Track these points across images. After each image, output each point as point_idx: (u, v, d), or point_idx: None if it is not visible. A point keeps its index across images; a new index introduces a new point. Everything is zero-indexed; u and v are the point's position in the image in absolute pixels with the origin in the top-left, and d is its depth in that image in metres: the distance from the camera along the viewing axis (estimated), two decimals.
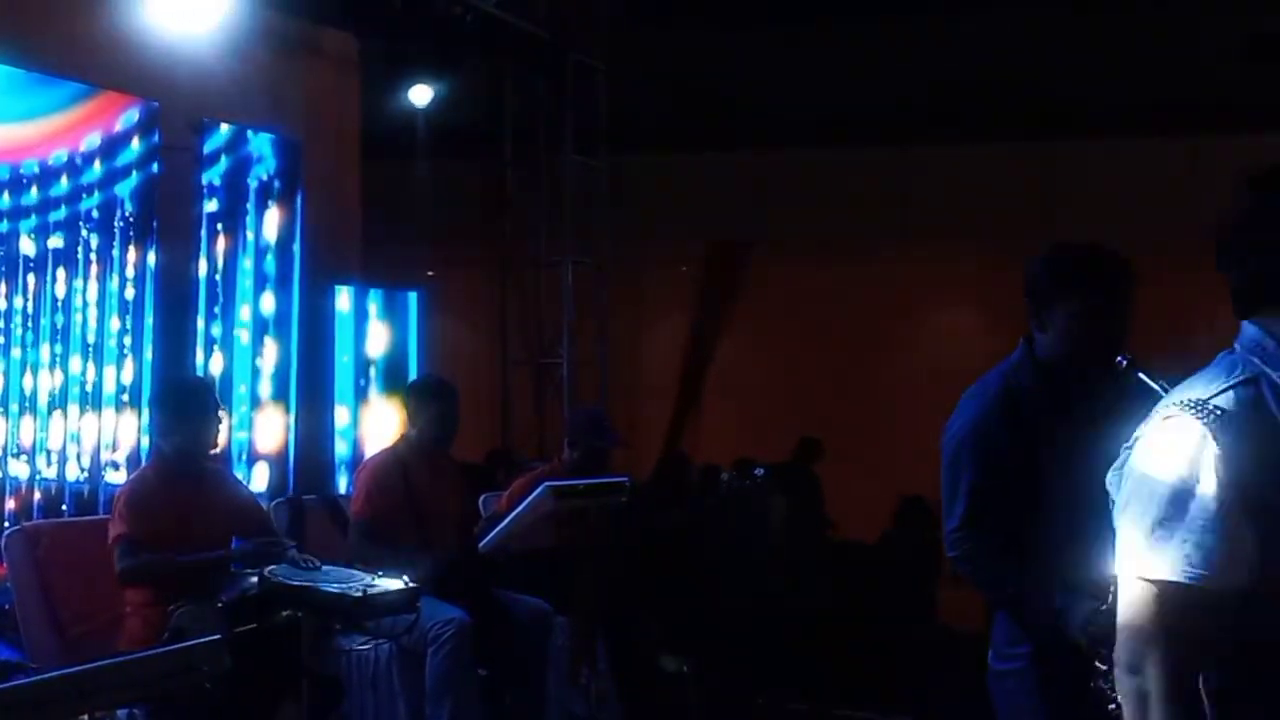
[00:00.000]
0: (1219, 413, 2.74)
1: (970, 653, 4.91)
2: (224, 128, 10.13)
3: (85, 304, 9.17)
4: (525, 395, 15.61)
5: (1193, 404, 2.75)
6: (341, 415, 11.33)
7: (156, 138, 9.38)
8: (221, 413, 7.45)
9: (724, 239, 17.33)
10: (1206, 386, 2.79)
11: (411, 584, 6.55)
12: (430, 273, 16.31)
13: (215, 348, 9.98)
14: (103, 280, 9.27)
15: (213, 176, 9.98)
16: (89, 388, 9.16)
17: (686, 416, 17.32)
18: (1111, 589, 2.87)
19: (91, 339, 9.20)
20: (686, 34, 14.42)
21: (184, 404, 7.18)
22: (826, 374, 16.17)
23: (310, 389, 10.76)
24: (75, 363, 9.12)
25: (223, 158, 10.07)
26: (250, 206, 10.30)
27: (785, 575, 11.21)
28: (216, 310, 9.99)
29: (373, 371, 11.73)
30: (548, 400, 15.31)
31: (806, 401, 15.97)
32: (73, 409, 9.09)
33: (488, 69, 14.48)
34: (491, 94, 15.10)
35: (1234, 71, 13.69)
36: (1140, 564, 2.72)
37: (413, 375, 11.34)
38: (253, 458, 10.22)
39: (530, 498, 6.96)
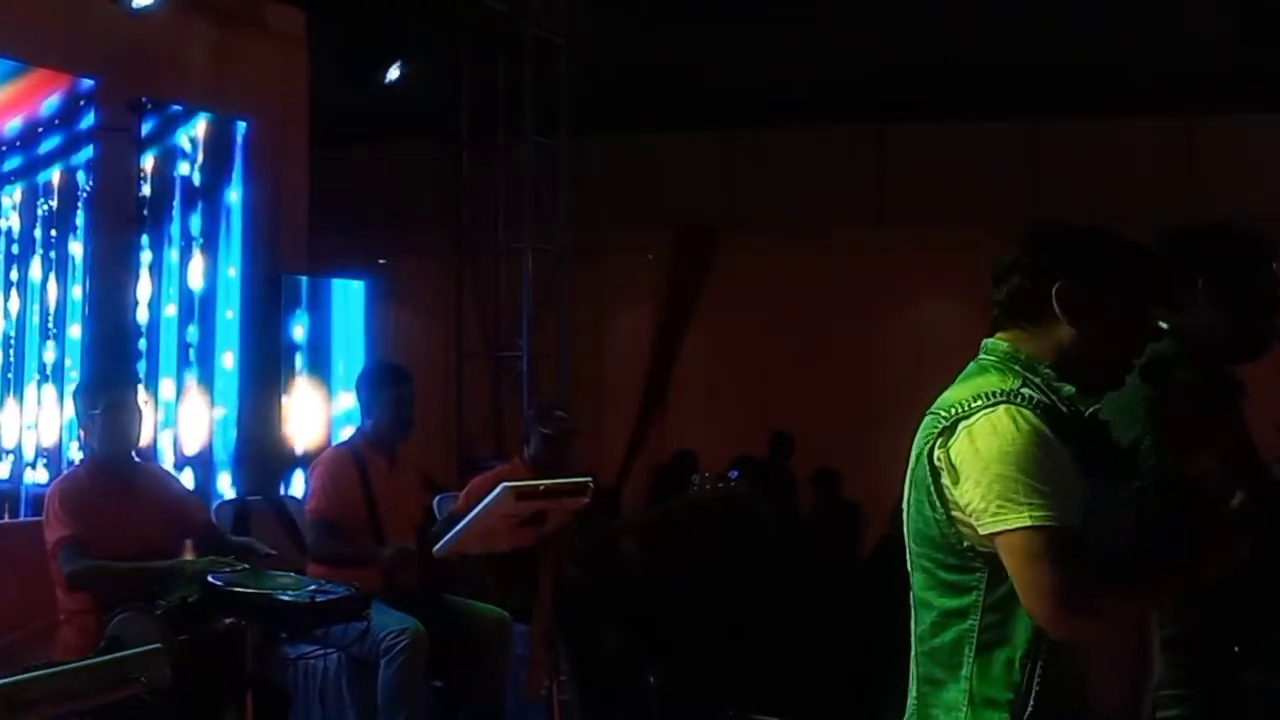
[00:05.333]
0: (1031, 399, 3.27)
1: None
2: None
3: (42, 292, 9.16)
4: (481, 390, 15.59)
5: (1006, 395, 3.25)
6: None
7: (93, 119, 9.33)
8: (139, 403, 7.43)
9: (691, 224, 17.30)
10: (999, 385, 3.30)
11: (361, 589, 6.57)
12: (381, 260, 16.29)
13: (149, 337, 9.94)
14: (62, 266, 9.26)
15: (150, 158, 9.93)
16: (49, 371, 9.13)
17: (653, 411, 17.30)
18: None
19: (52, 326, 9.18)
20: (652, 7, 14.41)
21: (97, 394, 7.17)
22: (800, 366, 16.16)
23: (256, 383, 10.74)
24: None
25: (160, 140, 10.02)
26: (193, 191, 10.27)
27: (767, 583, 11.22)
28: (156, 301, 9.94)
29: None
30: (505, 395, 15.30)
31: (779, 395, 15.97)
32: (29, 394, 9.05)
33: (443, 45, 14.46)
34: (447, 71, 15.07)
35: (1227, 49, 13.73)
36: (1025, 516, 3.15)
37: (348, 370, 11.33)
38: (183, 460, 10.19)
39: (488, 498, 6.95)
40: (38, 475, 8.97)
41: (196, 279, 10.31)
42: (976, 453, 3.21)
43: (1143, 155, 15.47)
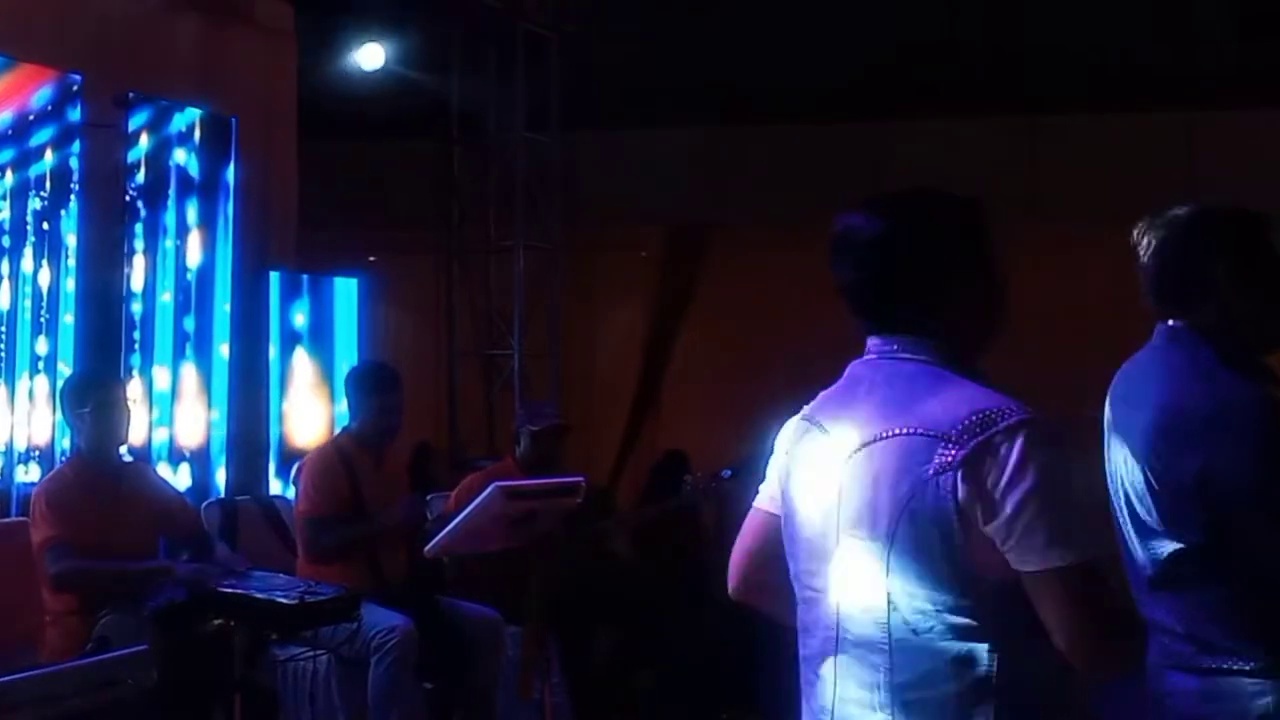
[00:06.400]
0: (1041, 416, 3.03)
1: None
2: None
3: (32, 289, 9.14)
4: (473, 389, 15.58)
5: (1025, 411, 3.02)
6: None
7: (78, 114, 9.31)
8: (127, 403, 7.42)
9: (685, 221, 17.29)
10: (997, 400, 3.06)
11: (351, 589, 6.56)
12: (371, 258, 16.27)
13: (143, 328, 9.92)
14: (55, 257, 9.23)
15: (137, 156, 9.91)
16: (41, 365, 9.10)
17: (645, 410, 17.29)
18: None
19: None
20: (644, 2, 14.41)
21: (85, 395, 7.17)
22: (795, 366, 16.11)
23: (244, 382, 10.72)
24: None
25: (148, 136, 10.00)
26: (178, 188, 10.25)
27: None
28: (140, 301, 9.91)
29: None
30: (497, 394, 15.28)
31: (774, 395, 15.94)
32: (21, 390, 9.01)
33: (433, 40, 14.45)
34: (437, 66, 15.05)
35: (1226, 45, 13.75)
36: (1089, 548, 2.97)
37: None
38: (178, 456, 10.15)
39: (479, 498, 6.94)
40: (29, 474, 8.92)
41: (193, 269, 10.29)
42: (1013, 482, 2.95)
43: (1141, 151, 15.46)
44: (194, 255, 10.31)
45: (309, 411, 11.25)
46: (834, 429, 3.33)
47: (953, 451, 2.99)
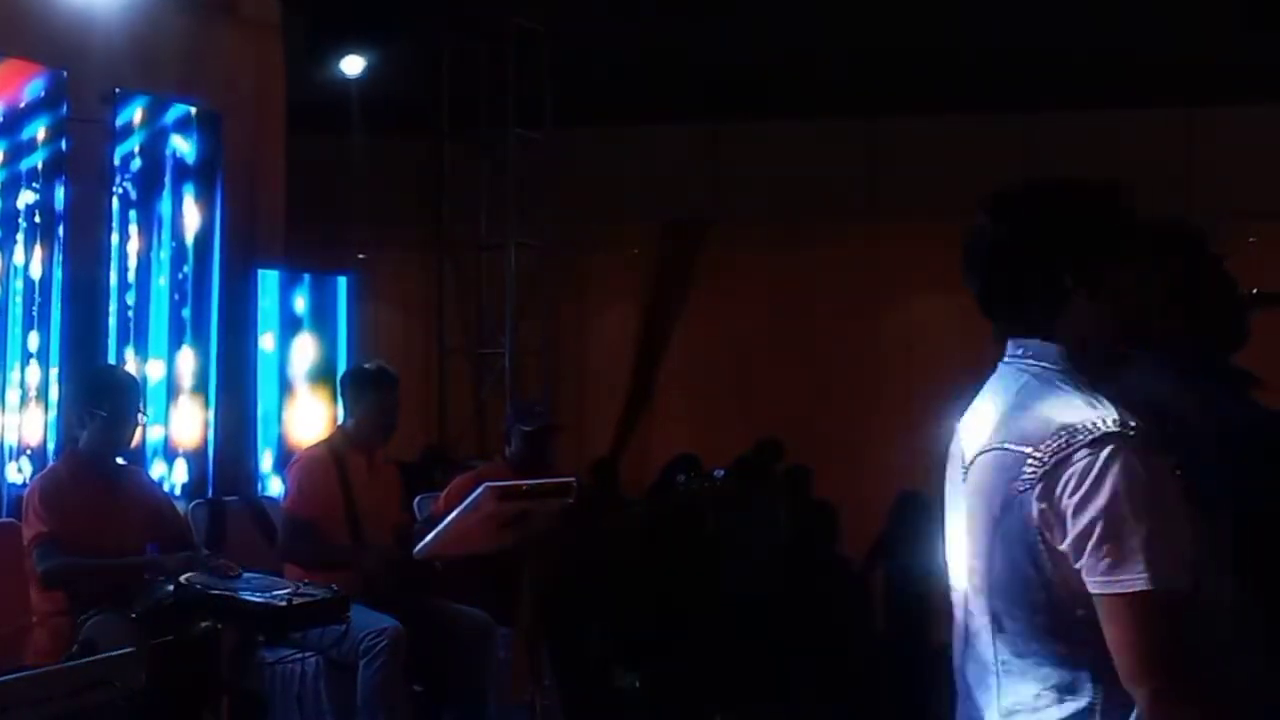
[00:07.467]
0: (1144, 434, 2.88)
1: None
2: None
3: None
4: (463, 388, 15.60)
5: (1117, 426, 2.86)
6: None
7: (64, 110, 9.31)
8: (141, 413, 7.43)
9: (678, 219, 17.29)
10: (1090, 414, 2.89)
11: (340, 591, 6.57)
12: (361, 256, 16.29)
13: (130, 337, 9.91)
14: (47, 251, 9.23)
15: (126, 151, 9.91)
16: (32, 361, 9.08)
17: (638, 411, 17.29)
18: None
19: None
20: None
21: (103, 397, 7.16)
22: (790, 365, 16.15)
23: (231, 381, 10.72)
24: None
25: (136, 131, 10.00)
26: (166, 184, 10.25)
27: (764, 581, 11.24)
28: (130, 300, 9.91)
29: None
30: (487, 393, 15.29)
31: (768, 394, 15.96)
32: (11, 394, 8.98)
33: (423, 34, 14.45)
34: (427, 62, 15.06)
35: (1225, 39, 13.73)
36: (1162, 578, 2.79)
37: (343, 368, 11.31)
38: (170, 455, 10.15)
39: (470, 499, 6.95)
40: (21, 472, 8.88)
41: (184, 264, 10.29)
42: (1085, 499, 2.82)
43: (1140, 147, 15.45)
44: (189, 246, 10.32)
45: (309, 409, 11.25)
46: (964, 435, 3.21)
47: (1034, 467, 2.90)
